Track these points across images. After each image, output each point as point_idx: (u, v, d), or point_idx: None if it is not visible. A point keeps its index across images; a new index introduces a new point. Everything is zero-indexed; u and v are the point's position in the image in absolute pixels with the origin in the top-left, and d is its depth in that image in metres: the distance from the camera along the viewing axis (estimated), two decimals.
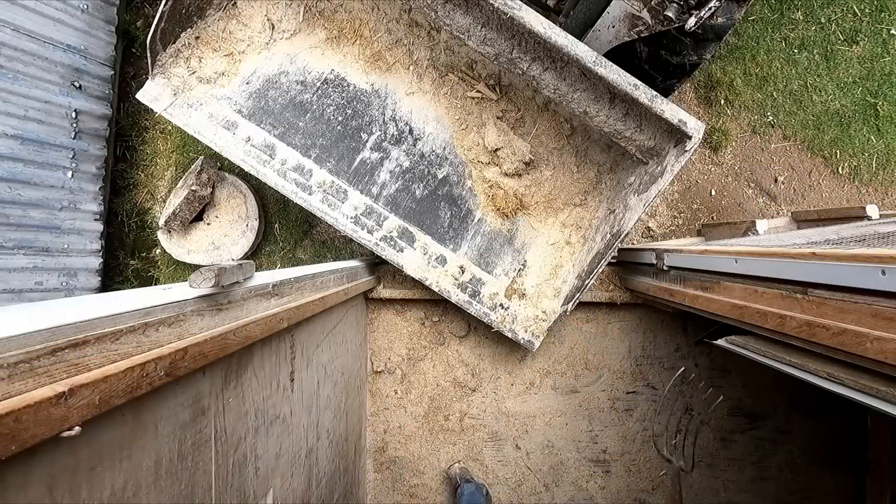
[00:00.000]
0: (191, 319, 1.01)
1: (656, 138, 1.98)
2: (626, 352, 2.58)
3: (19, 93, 2.49)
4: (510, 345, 2.55)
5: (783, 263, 1.35)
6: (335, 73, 2.39)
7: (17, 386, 0.63)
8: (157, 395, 0.89)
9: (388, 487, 2.66)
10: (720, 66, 3.11)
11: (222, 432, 1.13)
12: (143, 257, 3.25)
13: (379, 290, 2.54)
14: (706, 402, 2.28)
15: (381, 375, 2.65)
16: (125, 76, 3.14)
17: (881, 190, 3.15)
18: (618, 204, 2.15)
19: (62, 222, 2.76)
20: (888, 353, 0.97)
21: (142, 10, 3.17)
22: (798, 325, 1.23)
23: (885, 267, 1.02)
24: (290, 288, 1.53)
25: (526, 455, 2.63)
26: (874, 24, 3.12)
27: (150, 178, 3.22)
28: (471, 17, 1.95)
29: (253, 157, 2.28)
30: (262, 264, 3.17)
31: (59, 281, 2.78)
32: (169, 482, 0.94)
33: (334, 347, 2.04)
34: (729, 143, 3.13)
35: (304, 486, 1.68)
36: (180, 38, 2.20)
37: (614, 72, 1.81)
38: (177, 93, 2.23)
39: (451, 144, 2.41)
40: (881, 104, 3.11)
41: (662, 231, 3.14)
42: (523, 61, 1.97)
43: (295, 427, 1.59)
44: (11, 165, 2.50)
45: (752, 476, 2.56)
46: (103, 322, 0.79)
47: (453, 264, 2.32)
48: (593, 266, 2.07)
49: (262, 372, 1.34)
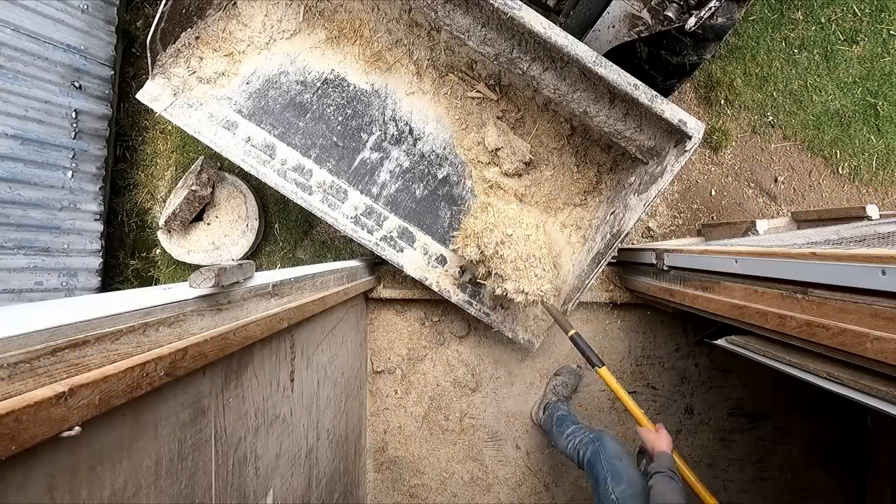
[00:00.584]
0: (191, 319, 1.01)
1: (656, 138, 1.98)
2: (626, 352, 2.58)
3: (19, 93, 2.49)
4: (510, 345, 2.55)
5: (783, 263, 1.35)
6: (335, 73, 2.39)
7: (17, 386, 0.63)
8: (157, 395, 0.89)
9: (388, 487, 2.66)
10: (720, 66, 3.11)
11: (222, 432, 1.13)
12: (143, 257, 3.25)
13: (379, 290, 2.54)
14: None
15: (381, 375, 2.65)
16: (125, 76, 3.14)
17: (881, 190, 3.15)
18: (618, 204, 2.14)
19: (62, 222, 2.76)
20: (888, 353, 0.97)
21: (142, 10, 3.17)
22: (798, 325, 1.23)
23: (885, 267, 1.02)
24: (290, 288, 1.53)
25: (526, 455, 2.63)
26: (874, 24, 3.12)
27: (150, 178, 3.22)
28: (471, 17, 1.95)
29: (253, 157, 2.28)
30: (262, 264, 3.17)
31: (59, 281, 2.78)
32: (169, 482, 0.94)
33: (334, 347, 2.04)
34: (729, 143, 3.13)
35: (304, 487, 1.68)
36: (180, 38, 2.20)
37: (614, 72, 1.81)
38: (177, 93, 2.23)
39: (451, 144, 2.41)
40: (881, 104, 3.11)
41: (662, 231, 3.14)
42: (523, 61, 1.97)
43: (295, 427, 1.59)
44: (11, 165, 2.50)
45: (752, 476, 2.56)
46: (103, 322, 0.79)
47: (453, 264, 2.32)
48: (593, 266, 2.07)
49: (262, 372, 1.34)
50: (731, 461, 2.56)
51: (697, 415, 2.57)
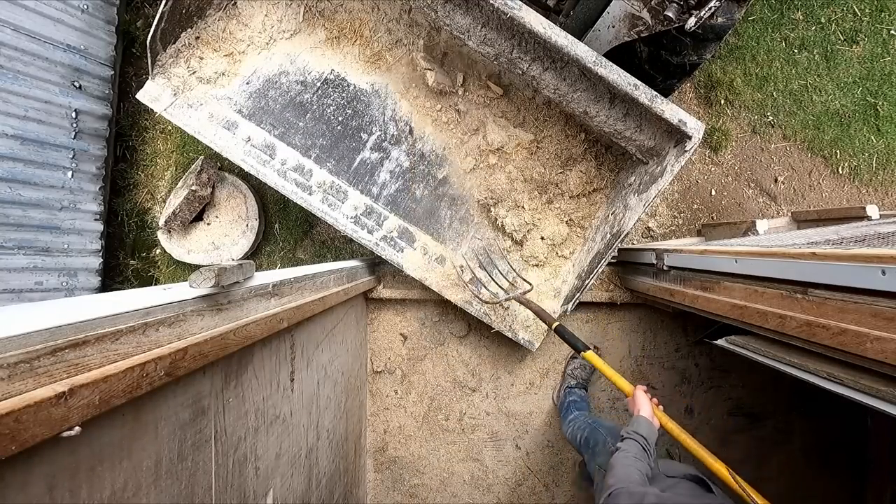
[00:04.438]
0: (191, 319, 1.01)
1: (656, 138, 1.98)
2: (626, 352, 2.58)
3: (19, 93, 2.49)
4: (510, 345, 2.55)
5: (783, 263, 1.35)
6: (335, 73, 2.39)
7: (17, 386, 0.63)
8: (157, 395, 0.89)
9: (388, 487, 2.66)
10: (720, 66, 3.11)
11: (222, 432, 1.13)
12: (143, 257, 3.25)
13: (379, 290, 2.54)
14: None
15: (381, 375, 2.65)
16: (125, 76, 3.14)
17: (881, 190, 3.15)
18: (618, 204, 2.14)
19: (62, 222, 2.76)
20: (888, 353, 0.97)
21: (142, 10, 3.16)
22: (798, 325, 1.23)
23: (885, 267, 1.02)
24: (290, 288, 1.53)
25: (526, 455, 2.63)
26: (874, 24, 3.12)
27: (150, 178, 3.22)
28: (471, 17, 1.95)
29: (253, 158, 2.28)
30: (262, 264, 3.17)
31: (59, 281, 2.78)
32: (169, 482, 0.94)
33: (334, 347, 2.04)
34: (729, 143, 3.13)
35: (304, 486, 1.68)
36: (180, 39, 2.20)
37: (614, 72, 1.81)
38: (177, 93, 2.23)
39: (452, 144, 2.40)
40: (881, 104, 3.11)
41: (662, 231, 3.14)
42: (523, 61, 1.97)
43: (295, 427, 1.59)
44: (11, 165, 2.50)
45: (752, 476, 2.55)
46: (103, 322, 0.79)
47: (453, 264, 2.32)
48: (593, 266, 2.07)
49: (262, 372, 1.34)
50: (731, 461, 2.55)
51: (697, 415, 2.56)
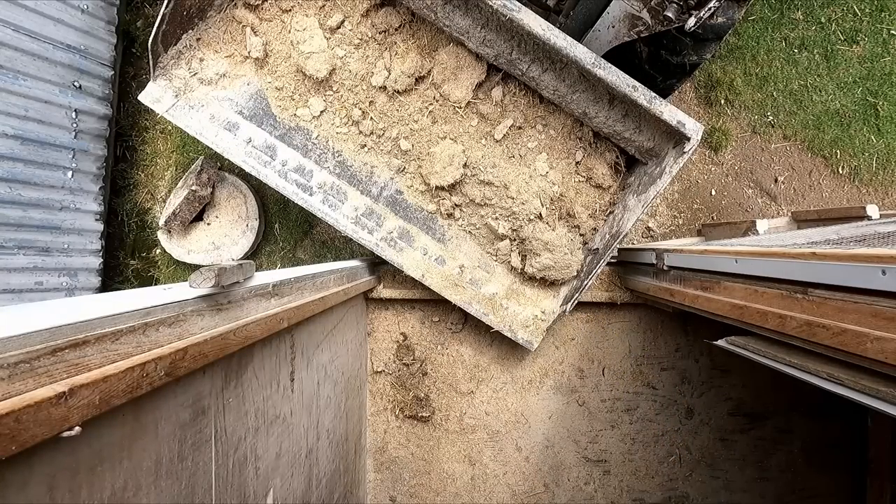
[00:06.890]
0: (191, 319, 1.01)
1: (655, 139, 1.98)
2: (626, 352, 2.58)
3: (19, 93, 2.49)
4: (510, 345, 2.55)
5: (783, 263, 1.35)
6: None
7: (17, 386, 0.63)
8: (157, 395, 0.90)
9: (388, 487, 2.66)
10: (720, 66, 3.11)
11: (222, 432, 1.13)
12: (143, 257, 3.25)
13: (379, 290, 2.54)
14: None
15: (381, 375, 2.65)
16: (125, 76, 3.14)
17: (881, 190, 3.15)
18: (617, 205, 2.15)
19: (62, 222, 2.76)
20: (888, 353, 0.97)
21: (142, 11, 3.17)
22: (798, 325, 1.23)
23: (885, 267, 1.02)
24: (290, 288, 1.53)
25: (526, 455, 2.63)
26: (874, 24, 3.12)
27: (150, 178, 3.22)
28: (470, 19, 1.95)
29: (254, 158, 2.28)
30: (262, 264, 3.17)
31: (59, 281, 2.78)
32: (169, 482, 0.94)
33: (334, 347, 2.04)
34: (729, 143, 3.13)
35: (305, 486, 1.68)
36: (181, 40, 2.20)
37: (613, 73, 1.81)
38: (178, 94, 2.23)
39: None
40: (881, 104, 3.11)
41: (662, 231, 3.14)
42: (523, 62, 1.97)
43: (295, 427, 1.59)
44: (11, 165, 2.50)
45: (752, 476, 2.55)
46: (103, 322, 0.79)
47: (453, 264, 2.32)
48: (592, 266, 2.07)
49: (263, 372, 1.34)
50: (731, 461, 2.56)
51: (697, 415, 2.57)
